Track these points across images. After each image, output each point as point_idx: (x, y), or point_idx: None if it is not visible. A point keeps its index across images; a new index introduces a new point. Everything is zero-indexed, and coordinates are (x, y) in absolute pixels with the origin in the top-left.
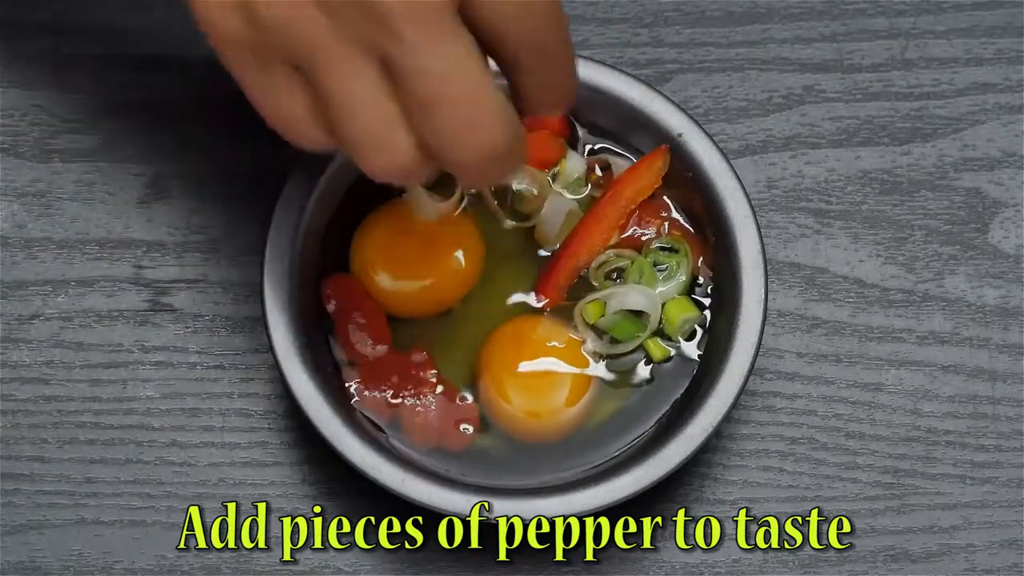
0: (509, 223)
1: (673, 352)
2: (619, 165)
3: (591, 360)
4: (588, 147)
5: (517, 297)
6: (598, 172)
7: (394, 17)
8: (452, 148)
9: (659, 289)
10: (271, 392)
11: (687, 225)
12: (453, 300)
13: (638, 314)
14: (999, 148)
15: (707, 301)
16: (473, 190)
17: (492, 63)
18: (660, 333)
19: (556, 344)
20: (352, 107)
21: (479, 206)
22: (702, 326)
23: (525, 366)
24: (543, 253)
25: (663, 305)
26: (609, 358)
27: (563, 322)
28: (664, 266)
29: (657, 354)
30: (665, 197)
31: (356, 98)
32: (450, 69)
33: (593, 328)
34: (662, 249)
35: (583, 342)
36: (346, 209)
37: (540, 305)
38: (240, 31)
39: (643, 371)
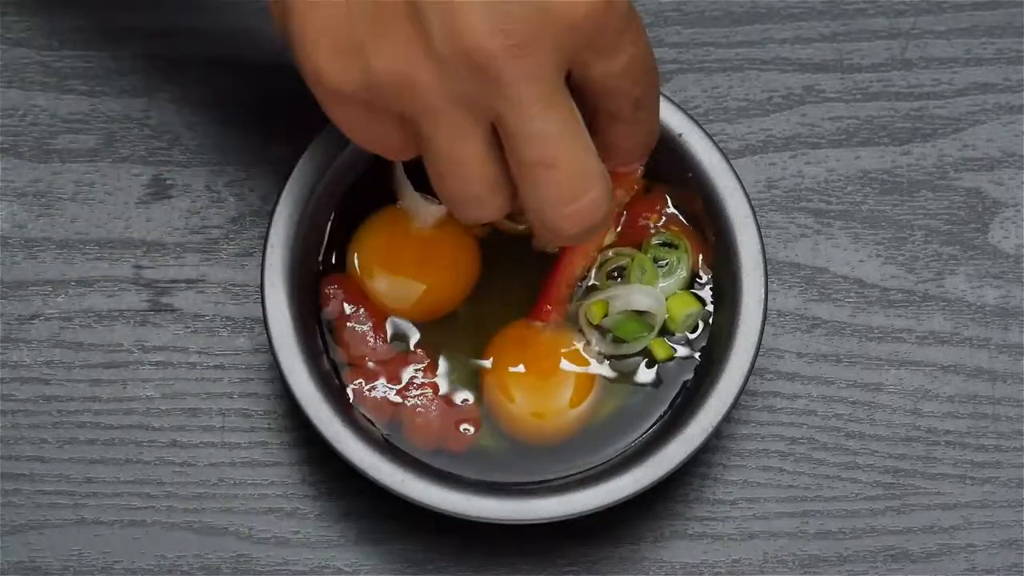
0: (508, 224)
1: (677, 352)
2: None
3: (594, 361)
4: None
5: (518, 301)
6: None
7: (507, 78)
8: (551, 213)
9: (660, 285)
10: (271, 392)
11: (687, 223)
12: (449, 306)
13: (641, 313)
14: (999, 148)
15: (707, 300)
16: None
17: None
18: (663, 328)
19: (560, 346)
20: (455, 170)
21: None
22: (704, 320)
23: (529, 368)
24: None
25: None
26: (614, 358)
27: (567, 323)
28: (664, 262)
29: (661, 354)
30: (663, 191)
31: (461, 162)
32: (559, 134)
33: (597, 328)
34: (662, 245)
35: (587, 343)
36: (346, 209)
37: (544, 323)
38: (350, 84)
39: (644, 371)
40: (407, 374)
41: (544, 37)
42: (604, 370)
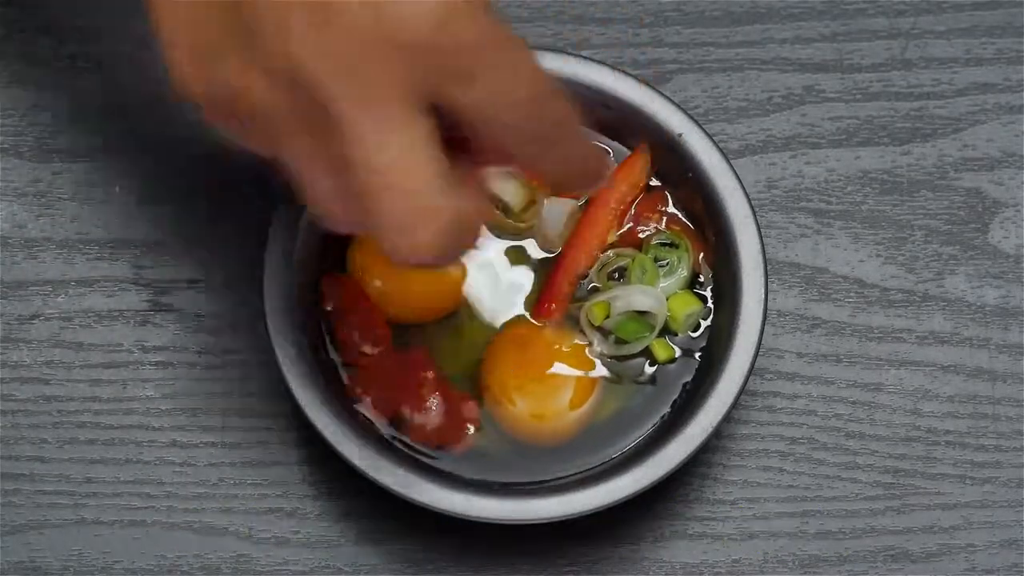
0: (509, 223)
1: (678, 353)
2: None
3: (596, 362)
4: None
5: (521, 305)
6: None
7: (339, 104)
8: (389, 241)
9: (661, 284)
10: (271, 392)
11: (687, 222)
12: (449, 307)
13: (643, 313)
14: (999, 148)
15: (708, 300)
16: None
17: None
18: (665, 328)
19: (561, 346)
20: (303, 180)
21: None
22: (705, 319)
23: (530, 369)
24: (546, 255)
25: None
26: (616, 359)
27: (568, 324)
28: (665, 261)
29: (662, 355)
30: (664, 190)
31: (311, 183)
32: (394, 163)
33: (599, 330)
34: (662, 245)
35: (589, 344)
36: None
37: (546, 321)
38: (208, 96)
39: (645, 372)
40: (407, 373)
41: (378, 59)
42: (605, 372)
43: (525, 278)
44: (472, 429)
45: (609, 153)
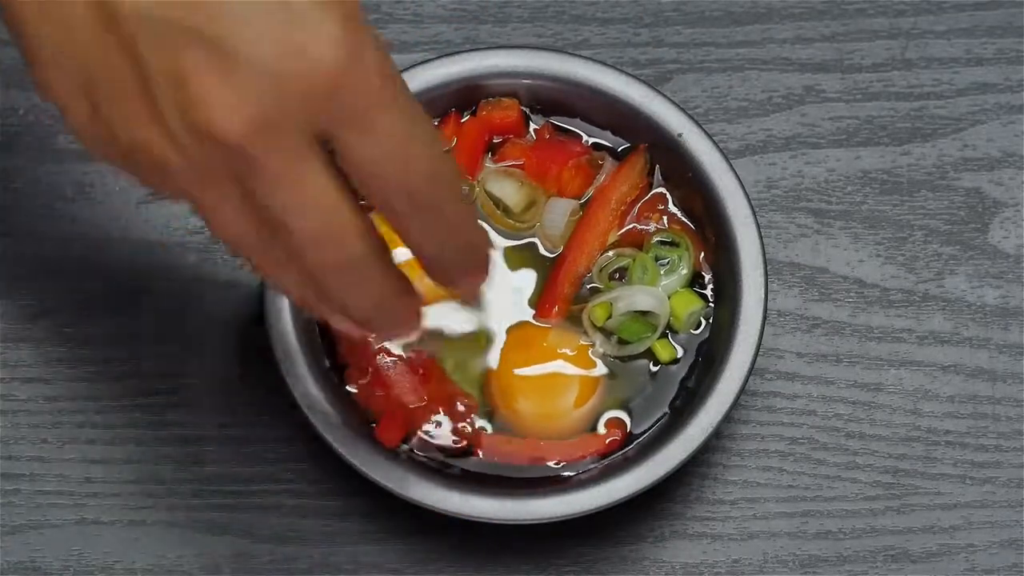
0: (511, 223)
1: (680, 354)
2: (614, 166)
3: (599, 362)
4: (590, 142)
5: (523, 306)
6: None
7: (249, 154)
8: (327, 286)
9: (663, 283)
10: (271, 392)
11: (687, 222)
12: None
13: (645, 313)
14: (999, 148)
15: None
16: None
17: None
18: (668, 326)
19: (564, 347)
20: (215, 227)
21: (482, 214)
22: (707, 318)
23: (534, 369)
24: (548, 255)
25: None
26: (618, 359)
27: (571, 324)
28: (666, 260)
29: (664, 356)
30: (664, 190)
31: (233, 239)
32: (305, 205)
33: (601, 330)
34: (663, 244)
35: (592, 345)
36: None
37: (548, 323)
38: (97, 143)
39: (646, 371)
40: (408, 374)
41: (281, 107)
42: (606, 371)
43: (527, 279)
44: (472, 428)
45: (611, 152)
